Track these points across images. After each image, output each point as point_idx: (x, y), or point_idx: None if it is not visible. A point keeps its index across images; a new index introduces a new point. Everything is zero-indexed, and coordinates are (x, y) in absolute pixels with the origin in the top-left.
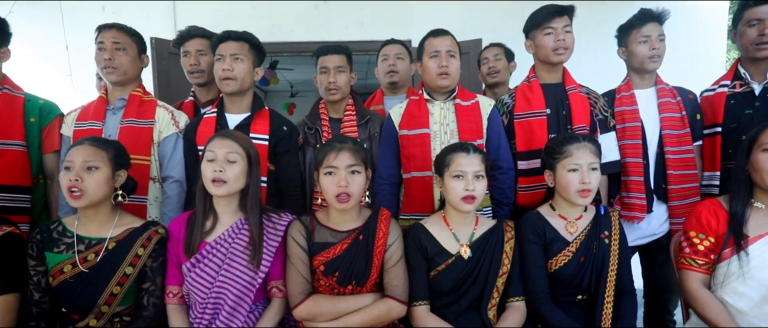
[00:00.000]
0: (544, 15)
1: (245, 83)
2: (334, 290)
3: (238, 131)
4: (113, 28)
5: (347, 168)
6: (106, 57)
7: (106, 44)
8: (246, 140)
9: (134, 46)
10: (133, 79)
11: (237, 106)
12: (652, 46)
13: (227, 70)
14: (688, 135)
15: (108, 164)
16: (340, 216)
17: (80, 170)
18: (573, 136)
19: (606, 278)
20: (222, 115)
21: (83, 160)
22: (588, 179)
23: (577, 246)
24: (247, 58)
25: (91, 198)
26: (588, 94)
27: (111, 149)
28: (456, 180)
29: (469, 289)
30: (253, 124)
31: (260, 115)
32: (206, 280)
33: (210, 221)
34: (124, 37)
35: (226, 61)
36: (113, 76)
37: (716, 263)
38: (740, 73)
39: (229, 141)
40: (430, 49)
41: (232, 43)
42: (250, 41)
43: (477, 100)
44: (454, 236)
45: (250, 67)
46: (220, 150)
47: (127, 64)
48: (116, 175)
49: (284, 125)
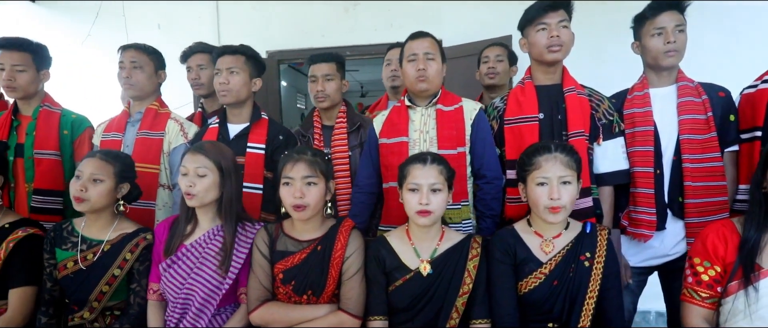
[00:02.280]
0: (537, 10)
1: (242, 95)
2: (292, 299)
3: (212, 144)
4: (131, 49)
5: (303, 179)
6: (124, 75)
7: (125, 63)
8: (217, 153)
9: (151, 64)
10: (151, 94)
11: (237, 116)
12: (667, 39)
13: (224, 84)
14: (713, 140)
15: (113, 177)
16: (301, 226)
17: (87, 181)
18: (544, 145)
19: (581, 306)
20: (224, 125)
21: (90, 172)
22: (557, 194)
23: (551, 268)
24: (242, 71)
25: (93, 206)
26: (590, 95)
27: (118, 164)
28: (411, 193)
29: (425, 307)
30: (250, 134)
31: (258, 125)
32: (178, 280)
33: (191, 226)
34: (142, 55)
35: (223, 75)
36: (131, 92)
37: (722, 297)
38: None
39: (199, 156)
40: (408, 52)
41: (228, 57)
42: (246, 54)
43: (461, 105)
44: (414, 251)
45: (247, 79)
46: (190, 165)
47: (143, 81)
48: (119, 187)
49: (281, 134)
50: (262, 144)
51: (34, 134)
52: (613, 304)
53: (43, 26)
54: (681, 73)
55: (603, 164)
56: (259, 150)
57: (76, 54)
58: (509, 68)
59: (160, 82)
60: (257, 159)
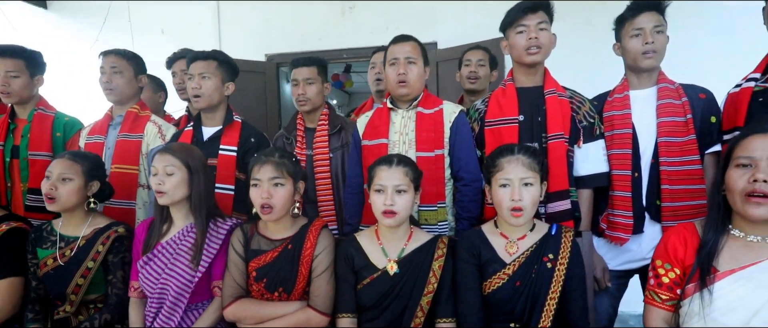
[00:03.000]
0: (516, 12)
1: (213, 99)
2: (264, 296)
3: (180, 145)
4: (112, 54)
5: (270, 180)
6: (105, 80)
7: (105, 68)
8: (184, 153)
9: (131, 69)
10: (131, 98)
11: (211, 119)
12: (645, 40)
13: (195, 88)
14: (692, 143)
15: (81, 175)
16: (273, 225)
17: (56, 180)
18: (508, 147)
19: (541, 306)
20: (198, 128)
21: (59, 171)
22: (518, 196)
23: (515, 269)
24: (215, 76)
25: (63, 204)
26: (571, 98)
27: (86, 163)
28: (376, 194)
29: (391, 305)
30: (223, 137)
31: (230, 128)
32: (153, 276)
33: (167, 225)
34: (121, 61)
35: (195, 80)
36: (111, 96)
37: (681, 299)
38: None
39: (167, 155)
40: (390, 56)
41: (200, 63)
42: (217, 59)
43: (441, 108)
44: (382, 251)
45: (219, 84)
46: (159, 164)
47: (123, 86)
48: (89, 185)
49: (253, 137)
50: (233, 146)
51: (29, 136)
52: (577, 305)
53: (55, 30)
54: (662, 74)
55: (583, 167)
56: (231, 152)
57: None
58: (490, 73)
59: (141, 87)
60: (229, 161)
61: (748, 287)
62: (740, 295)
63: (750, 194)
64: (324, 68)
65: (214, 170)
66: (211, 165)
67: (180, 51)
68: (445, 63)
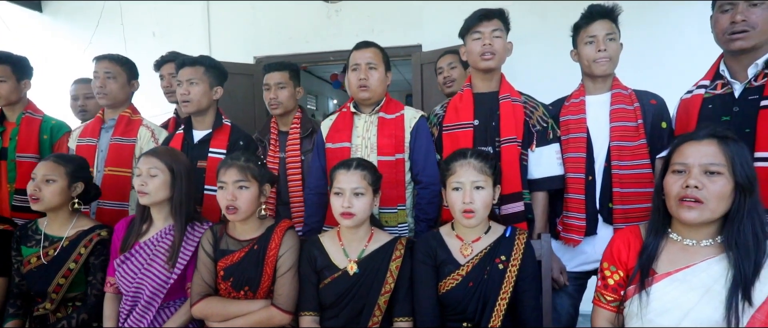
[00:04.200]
0: (472, 19)
1: (203, 104)
2: (231, 294)
3: (166, 149)
4: (105, 60)
5: (234, 183)
6: (98, 85)
7: (99, 73)
8: (169, 157)
9: (124, 74)
10: (123, 102)
11: (201, 123)
12: (598, 47)
13: (184, 94)
14: (643, 147)
15: (65, 177)
16: (241, 226)
17: (40, 182)
18: (461, 152)
19: (492, 306)
20: (189, 131)
21: (43, 173)
22: (469, 198)
23: (468, 270)
24: (202, 82)
25: (47, 204)
26: (526, 103)
27: (70, 165)
28: (336, 197)
29: (349, 304)
30: (212, 140)
31: (220, 131)
32: (130, 275)
33: (146, 225)
34: (115, 66)
35: (184, 86)
36: (104, 101)
37: (623, 301)
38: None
39: (151, 158)
40: (352, 62)
41: (187, 69)
42: (204, 65)
43: (402, 113)
44: (343, 251)
45: (207, 89)
46: (143, 166)
47: (116, 90)
48: (73, 186)
49: (241, 140)
50: (223, 149)
51: (17, 139)
52: (529, 305)
53: (50, 33)
54: (616, 80)
55: (537, 170)
56: (220, 155)
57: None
58: (464, 71)
59: (133, 91)
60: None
61: (681, 289)
62: (674, 296)
63: (683, 199)
64: (296, 73)
65: (204, 172)
66: (201, 167)
67: (168, 54)
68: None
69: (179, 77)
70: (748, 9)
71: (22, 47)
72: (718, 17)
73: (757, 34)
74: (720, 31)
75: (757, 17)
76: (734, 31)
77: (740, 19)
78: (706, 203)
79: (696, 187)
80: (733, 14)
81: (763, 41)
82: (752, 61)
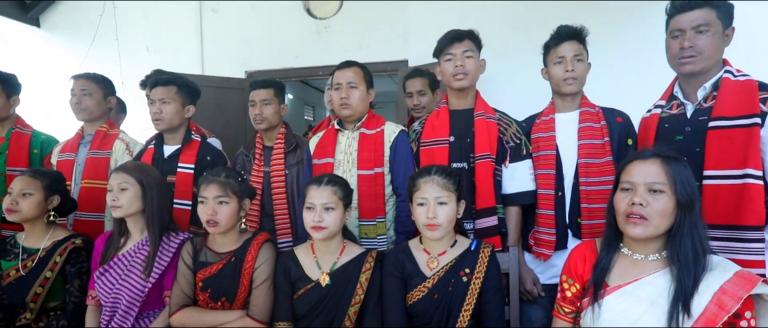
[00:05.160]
0: (444, 40)
1: (174, 122)
2: (209, 304)
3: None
4: (82, 78)
5: (215, 199)
6: (75, 101)
7: (76, 91)
8: (138, 171)
9: (100, 91)
10: (100, 117)
11: (172, 139)
12: (566, 68)
13: (156, 113)
14: (609, 164)
15: (41, 190)
16: (220, 239)
17: (17, 196)
18: (426, 169)
19: (455, 318)
20: (160, 146)
21: (20, 188)
22: (433, 214)
23: (434, 282)
24: (174, 101)
25: (24, 217)
26: (499, 120)
27: (45, 179)
28: (307, 211)
29: (321, 314)
30: (181, 155)
31: (188, 147)
32: (108, 286)
33: (124, 238)
34: (91, 84)
35: (156, 105)
36: (80, 116)
37: (579, 313)
38: (675, 92)
39: (121, 173)
40: (334, 81)
41: (160, 89)
42: (177, 84)
43: (382, 129)
44: (316, 264)
45: (179, 107)
46: (114, 181)
47: (92, 107)
48: (49, 199)
49: (209, 155)
50: (191, 164)
51: (7, 153)
52: (492, 316)
53: (48, 47)
54: (585, 98)
55: (510, 185)
56: (188, 170)
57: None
58: (433, 97)
59: (110, 107)
60: (186, 178)
61: (629, 301)
62: (622, 308)
63: (629, 215)
64: (281, 90)
65: (173, 186)
66: (171, 182)
67: (152, 73)
68: None
69: (152, 96)
70: (695, 36)
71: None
72: (670, 42)
73: (703, 59)
74: (671, 56)
75: (703, 43)
76: (683, 56)
77: (688, 45)
78: (651, 220)
79: (641, 204)
80: (681, 40)
81: (710, 65)
82: (702, 83)
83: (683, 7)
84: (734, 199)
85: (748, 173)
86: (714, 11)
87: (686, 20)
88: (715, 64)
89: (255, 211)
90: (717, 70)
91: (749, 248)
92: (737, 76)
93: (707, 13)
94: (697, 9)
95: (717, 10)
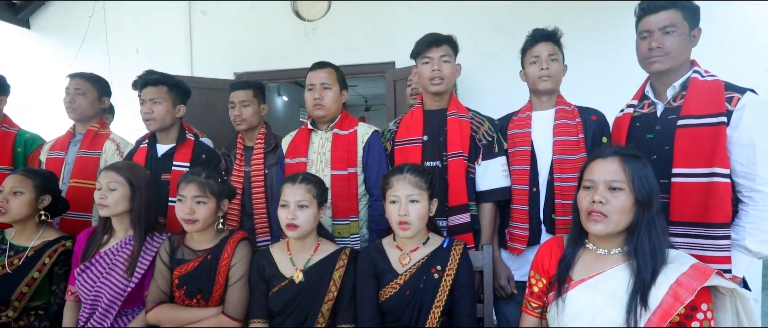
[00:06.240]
0: (421, 44)
1: (166, 122)
2: (185, 302)
3: (125, 163)
4: (77, 77)
5: (193, 198)
6: (68, 100)
7: (70, 90)
8: (128, 171)
9: (94, 91)
10: (92, 117)
11: (165, 138)
12: (541, 66)
13: (147, 113)
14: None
15: (33, 189)
16: (198, 237)
17: (8, 194)
18: (398, 168)
19: (426, 314)
20: (153, 145)
21: (11, 186)
22: (404, 211)
23: (406, 279)
24: (165, 100)
25: (15, 216)
26: (472, 118)
27: (37, 178)
28: (281, 209)
29: (294, 312)
30: (176, 154)
31: (183, 146)
32: (89, 283)
33: (108, 236)
34: (86, 83)
35: (147, 105)
36: (73, 115)
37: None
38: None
39: (111, 172)
40: (308, 82)
41: (150, 88)
42: (168, 84)
43: (355, 129)
44: (291, 261)
45: (170, 107)
46: (103, 180)
47: (85, 106)
48: (40, 198)
49: (204, 153)
50: (186, 162)
51: None
52: (464, 313)
53: (38, 48)
54: (561, 97)
55: (483, 182)
56: (183, 168)
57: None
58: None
59: (104, 108)
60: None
61: (592, 294)
62: (585, 302)
63: (590, 213)
64: (261, 91)
65: (168, 184)
66: (165, 180)
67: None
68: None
69: (142, 96)
70: (662, 36)
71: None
72: (639, 43)
73: (671, 58)
74: (640, 56)
75: (670, 44)
76: (651, 56)
77: (656, 45)
78: (610, 217)
79: (600, 202)
80: (649, 41)
81: (677, 64)
82: (671, 83)
83: (650, 9)
84: (702, 196)
85: (715, 172)
86: (680, 12)
87: (653, 22)
88: (683, 64)
89: (235, 210)
90: (685, 70)
91: (716, 244)
92: (705, 77)
93: (673, 15)
94: (663, 10)
95: (683, 11)
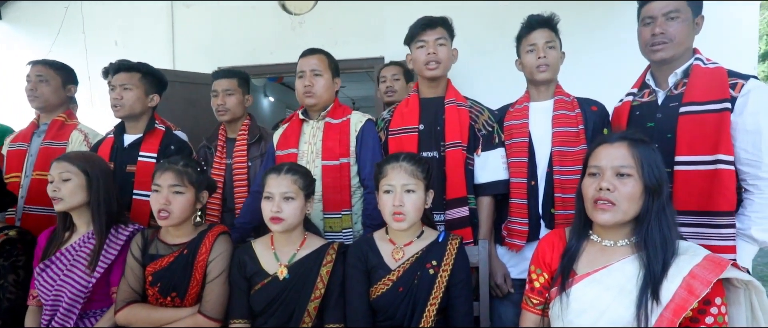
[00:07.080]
0: (416, 27)
1: (135, 109)
2: (159, 300)
3: (78, 153)
4: (39, 64)
5: (170, 188)
6: (30, 88)
7: (31, 77)
8: (81, 160)
9: (58, 78)
10: (57, 106)
11: (133, 128)
12: (538, 55)
13: (116, 99)
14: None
15: None
16: (174, 231)
17: None
18: (393, 156)
19: (421, 312)
20: (120, 135)
21: None
22: (399, 201)
23: (399, 275)
24: (136, 88)
25: None
26: (471, 107)
27: None
28: (266, 201)
29: (278, 310)
30: (143, 144)
31: (151, 135)
32: (49, 283)
33: (69, 233)
34: (48, 70)
35: (117, 91)
36: (34, 104)
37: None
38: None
39: (62, 163)
40: (298, 69)
41: (123, 74)
42: (141, 71)
43: (348, 118)
44: (275, 256)
45: (141, 95)
46: (54, 171)
47: (48, 94)
48: None
49: (173, 145)
50: (153, 153)
51: None
52: (460, 311)
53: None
54: (559, 88)
55: (482, 174)
56: (150, 159)
57: None
58: (406, 85)
59: (69, 96)
60: (148, 167)
61: (598, 289)
62: (591, 297)
63: (597, 201)
64: (245, 80)
65: (132, 176)
66: (130, 172)
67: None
68: None
69: (113, 82)
70: (666, 22)
71: None
72: (641, 30)
73: (674, 45)
74: (643, 43)
75: (674, 30)
76: (655, 43)
77: (659, 31)
78: (618, 205)
79: (608, 189)
80: (652, 27)
81: (681, 52)
82: (673, 70)
83: None
84: (706, 185)
85: (720, 159)
86: None
87: (657, 7)
88: (685, 51)
89: (216, 205)
90: (687, 58)
91: (720, 233)
92: (707, 64)
93: (677, 1)
94: None
95: None
